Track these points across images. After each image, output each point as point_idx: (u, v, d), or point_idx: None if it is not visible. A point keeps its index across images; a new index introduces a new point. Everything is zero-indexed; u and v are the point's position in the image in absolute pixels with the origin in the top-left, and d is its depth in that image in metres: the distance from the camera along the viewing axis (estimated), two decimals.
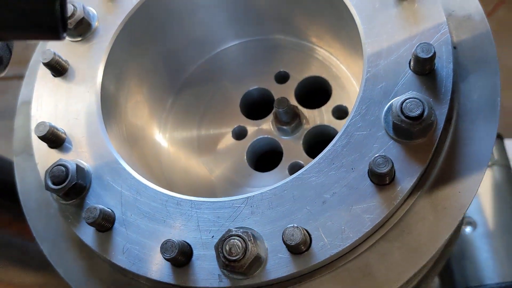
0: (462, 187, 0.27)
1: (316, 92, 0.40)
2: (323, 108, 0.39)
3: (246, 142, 0.40)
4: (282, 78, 0.41)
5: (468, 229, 0.74)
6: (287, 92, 0.40)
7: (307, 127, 0.39)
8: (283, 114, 0.37)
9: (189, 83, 0.42)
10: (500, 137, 0.80)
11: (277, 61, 0.41)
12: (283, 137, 0.39)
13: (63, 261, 0.31)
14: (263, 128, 0.39)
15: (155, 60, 0.39)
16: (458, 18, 0.31)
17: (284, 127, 0.39)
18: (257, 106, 0.41)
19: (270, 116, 0.39)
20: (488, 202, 0.74)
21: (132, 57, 0.36)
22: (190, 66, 0.42)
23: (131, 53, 0.36)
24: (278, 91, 0.40)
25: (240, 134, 0.40)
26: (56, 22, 0.16)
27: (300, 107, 0.39)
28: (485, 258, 0.72)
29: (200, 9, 0.39)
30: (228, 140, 0.40)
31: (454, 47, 0.30)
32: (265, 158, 0.40)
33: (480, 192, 0.76)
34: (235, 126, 0.40)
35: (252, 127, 0.40)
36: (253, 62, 0.42)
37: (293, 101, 0.39)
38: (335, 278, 0.26)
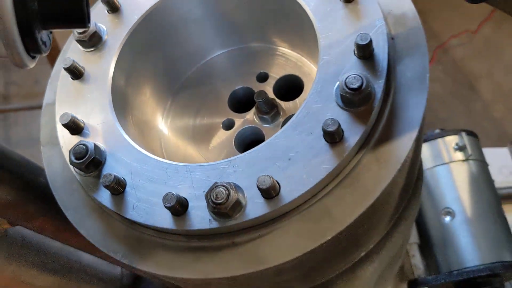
0: (399, 144, 0.34)
1: (291, 87, 0.48)
2: (297, 100, 0.47)
3: (234, 132, 0.47)
4: (262, 78, 0.48)
5: (447, 219, 0.80)
6: (267, 89, 0.48)
7: (284, 116, 0.47)
8: (263, 105, 0.44)
9: (186, 86, 0.49)
10: (475, 136, 0.87)
11: (258, 64, 0.49)
12: (264, 125, 0.46)
13: (84, 224, 0.38)
14: (248, 119, 0.47)
15: (156, 66, 0.46)
16: (395, 15, 0.38)
17: (265, 116, 0.46)
18: (242, 101, 0.48)
19: (253, 109, 0.47)
20: (465, 193, 0.80)
21: (136, 63, 0.44)
22: (186, 72, 0.50)
23: (135, 60, 0.44)
24: (259, 89, 0.47)
25: (228, 125, 0.47)
26: (83, 16, 0.24)
27: (278, 100, 0.47)
28: (465, 243, 0.78)
29: (191, 24, 0.47)
30: (219, 130, 0.47)
31: (392, 38, 0.37)
32: (250, 144, 0.47)
33: (457, 184, 0.82)
34: (224, 119, 0.47)
35: (238, 119, 0.47)
36: (237, 67, 0.50)
37: (272, 96, 0.47)
38: (301, 218, 0.33)
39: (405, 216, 0.45)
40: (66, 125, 0.38)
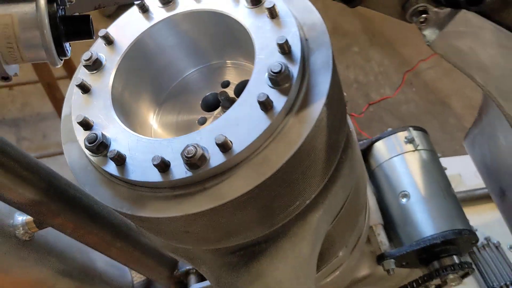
0: (313, 108, 0.48)
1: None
2: None
3: (206, 125, 0.62)
4: (225, 85, 0.63)
5: (404, 200, 0.93)
6: (230, 92, 0.63)
7: None
8: (225, 101, 0.59)
9: (170, 96, 0.64)
10: (424, 131, 1.02)
11: (221, 75, 0.64)
12: None
13: (98, 192, 0.51)
14: (216, 115, 0.61)
15: (145, 82, 0.61)
16: (308, 24, 0.54)
17: None
18: (211, 103, 0.63)
19: (220, 107, 0.61)
20: (417, 177, 0.94)
21: (129, 80, 0.59)
22: (168, 86, 0.65)
23: (128, 78, 0.59)
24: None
25: (202, 121, 0.62)
26: (90, 32, 0.39)
27: (237, 98, 0.61)
28: (421, 218, 0.90)
29: (168, 49, 0.63)
30: (195, 125, 0.62)
31: (306, 39, 0.53)
32: None
33: (410, 170, 0.96)
34: (199, 117, 0.62)
35: (209, 116, 0.62)
36: (206, 79, 0.65)
37: (232, 96, 0.62)
38: (248, 166, 0.47)
39: (340, 174, 0.58)
40: (80, 123, 0.52)
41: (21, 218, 0.73)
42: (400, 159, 0.94)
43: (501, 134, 0.95)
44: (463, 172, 1.67)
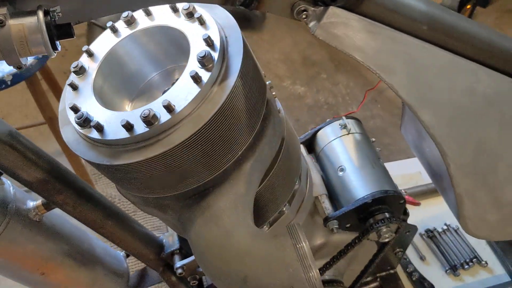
0: (229, 80, 0.70)
1: None
2: None
3: None
4: None
5: (341, 173, 1.13)
6: None
7: None
8: None
9: (139, 94, 0.86)
10: (357, 120, 1.24)
11: (176, 75, 0.86)
12: None
13: (85, 154, 0.72)
14: None
15: (119, 83, 0.84)
16: (227, 27, 0.76)
17: None
18: None
19: None
20: (351, 154, 1.14)
21: (105, 80, 0.81)
22: (138, 87, 0.87)
23: (105, 79, 0.81)
24: None
25: None
26: (72, 33, 0.61)
27: None
28: (355, 185, 1.09)
29: (134, 58, 0.85)
30: None
31: (226, 37, 0.75)
32: None
33: (346, 149, 1.16)
34: None
35: None
36: (166, 79, 0.87)
37: None
38: (187, 121, 0.66)
39: (264, 134, 0.78)
40: (71, 108, 0.74)
41: (32, 203, 0.93)
42: (337, 142, 1.15)
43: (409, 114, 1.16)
44: (423, 170, 1.88)
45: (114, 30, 0.81)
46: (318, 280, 0.70)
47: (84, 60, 0.80)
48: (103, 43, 0.81)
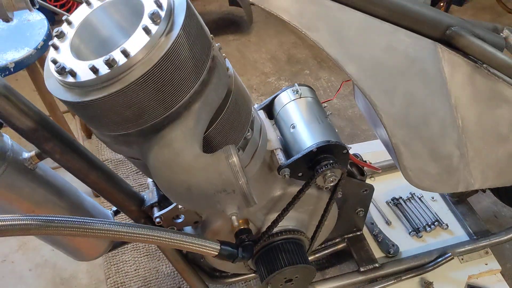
0: (174, 32, 0.88)
1: None
2: None
3: None
4: None
5: (292, 130, 1.30)
6: None
7: None
8: None
9: None
10: (310, 87, 1.41)
11: None
12: None
13: (64, 96, 0.91)
14: None
15: (94, 46, 1.03)
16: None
17: None
18: None
19: None
20: (302, 113, 1.32)
21: (81, 42, 1.00)
22: (110, 50, 1.06)
23: (80, 41, 1.00)
24: None
25: None
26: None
27: None
28: (305, 138, 1.27)
29: (105, 26, 1.04)
30: None
31: (173, 1, 0.94)
32: None
33: (298, 110, 1.34)
34: None
35: None
36: None
37: None
38: (141, 64, 0.85)
39: (210, 81, 0.96)
40: (52, 61, 0.93)
41: (27, 154, 1.12)
42: (290, 105, 1.33)
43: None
44: None
45: (88, 3, 1.01)
46: (246, 187, 0.88)
47: (64, 27, 0.99)
48: (79, 14, 1.01)
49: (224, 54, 1.08)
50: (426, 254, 1.62)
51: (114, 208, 1.42)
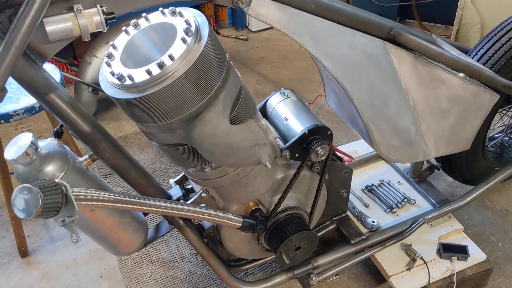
0: (203, 40, 1.21)
1: None
2: None
3: None
4: None
5: (286, 122, 1.63)
6: None
7: None
8: None
9: None
10: (293, 91, 1.77)
11: None
12: None
13: (124, 95, 1.20)
14: None
15: (136, 63, 1.33)
16: (198, 16, 1.30)
17: None
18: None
19: None
20: (291, 109, 1.66)
21: (126, 59, 1.31)
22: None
23: (126, 58, 1.31)
24: None
25: None
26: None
27: None
28: (296, 126, 1.60)
29: (144, 45, 1.36)
30: None
31: (198, 22, 1.28)
32: None
33: (287, 107, 1.68)
34: None
35: None
36: None
37: None
38: (183, 64, 1.18)
39: (228, 78, 1.27)
40: (110, 73, 1.23)
41: (82, 158, 1.39)
42: (280, 104, 1.67)
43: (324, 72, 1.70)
44: (358, 148, 2.39)
45: (127, 32, 1.33)
46: (273, 140, 1.19)
47: (111, 49, 1.30)
48: (121, 40, 1.32)
49: (232, 62, 1.42)
50: (402, 224, 1.94)
51: None
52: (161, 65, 1.15)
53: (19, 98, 1.86)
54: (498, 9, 2.97)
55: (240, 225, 1.49)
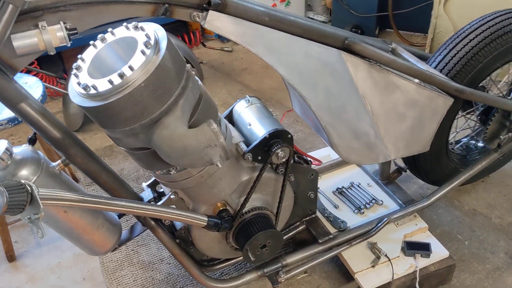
0: (161, 52, 1.33)
1: None
2: None
3: None
4: None
5: (249, 127, 1.74)
6: None
7: None
8: None
9: None
10: (259, 98, 1.87)
11: None
12: None
13: (89, 104, 1.31)
14: None
15: (102, 74, 1.45)
16: (158, 30, 1.41)
17: None
18: None
19: None
20: (254, 115, 1.77)
21: (93, 71, 1.42)
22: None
23: (93, 70, 1.42)
24: None
25: None
26: None
27: None
28: (258, 130, 1.70)
29: (109, 58, 1.48)
30: None
31: (157, 35, 1.39)
32: None
33: (251, 113, 1.79)
34: None
35: None
36: None
37: None
38: (141, 73, 1.29)
39: (187, 86, 1.38)
40: (77, 83, 1.34)
41: (55, 163, 1.50)
42: (245, 111, 1.78)
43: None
44: (331, 153, 2.49)
45: (95, 46, 1.44)
46: (224, 141, 1.30)
47: (79, 62, 1.41)
48: (88, 53, 1.44)
49: (194, 72, 1.53)
50: (369, 224, 2.04)
51: None
52: (121, 75, 1.26)
53: (3, 109, 1.98)
54: (469, 18, 3.09)
55: (205, 224, 1.59)
